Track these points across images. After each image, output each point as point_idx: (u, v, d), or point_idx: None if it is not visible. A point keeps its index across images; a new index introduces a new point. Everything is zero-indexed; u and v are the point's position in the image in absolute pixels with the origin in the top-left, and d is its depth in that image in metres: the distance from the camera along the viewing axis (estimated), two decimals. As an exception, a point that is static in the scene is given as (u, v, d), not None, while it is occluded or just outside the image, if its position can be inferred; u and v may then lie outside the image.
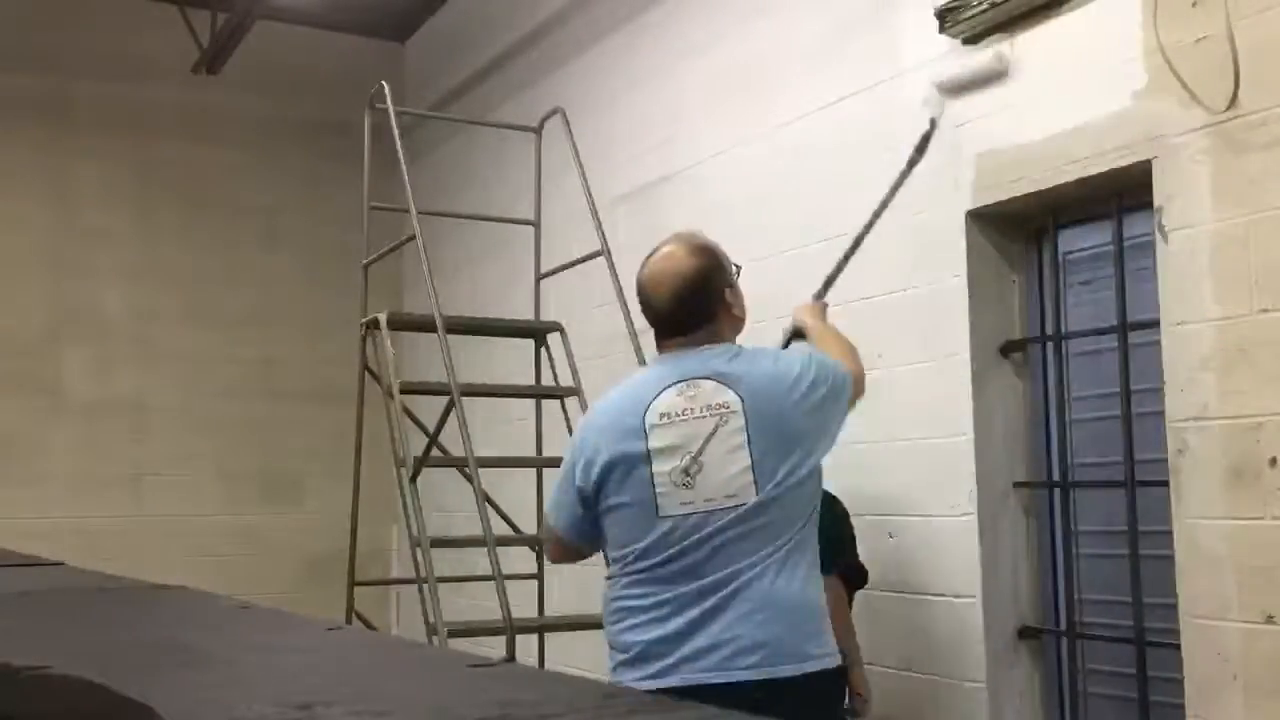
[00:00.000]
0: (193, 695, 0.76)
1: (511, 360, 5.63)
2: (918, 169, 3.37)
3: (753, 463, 2.50)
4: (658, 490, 2.51)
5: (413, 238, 4.40)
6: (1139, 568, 3.34)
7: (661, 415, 2.54)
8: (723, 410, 2.52)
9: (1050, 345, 3.71)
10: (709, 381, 2.54)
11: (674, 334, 2.66)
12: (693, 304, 2.64)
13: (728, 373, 2.56)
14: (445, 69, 7.30)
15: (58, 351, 6.89)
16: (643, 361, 4.36)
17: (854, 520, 3.75)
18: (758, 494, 2.49)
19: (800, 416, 2.56)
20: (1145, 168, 3.18)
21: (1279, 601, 2.85)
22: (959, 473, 3.68)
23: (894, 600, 3.89)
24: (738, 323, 2.71)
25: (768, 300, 4.51)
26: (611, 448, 2.58)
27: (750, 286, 4.69)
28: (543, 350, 4.93)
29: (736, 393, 2.53)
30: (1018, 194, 3.55)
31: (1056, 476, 3.67)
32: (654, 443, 2.53)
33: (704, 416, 2.52)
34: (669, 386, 2.56)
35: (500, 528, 4.58)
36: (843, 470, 4.06)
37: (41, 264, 6.91)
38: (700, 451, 2.50)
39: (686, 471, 2.51)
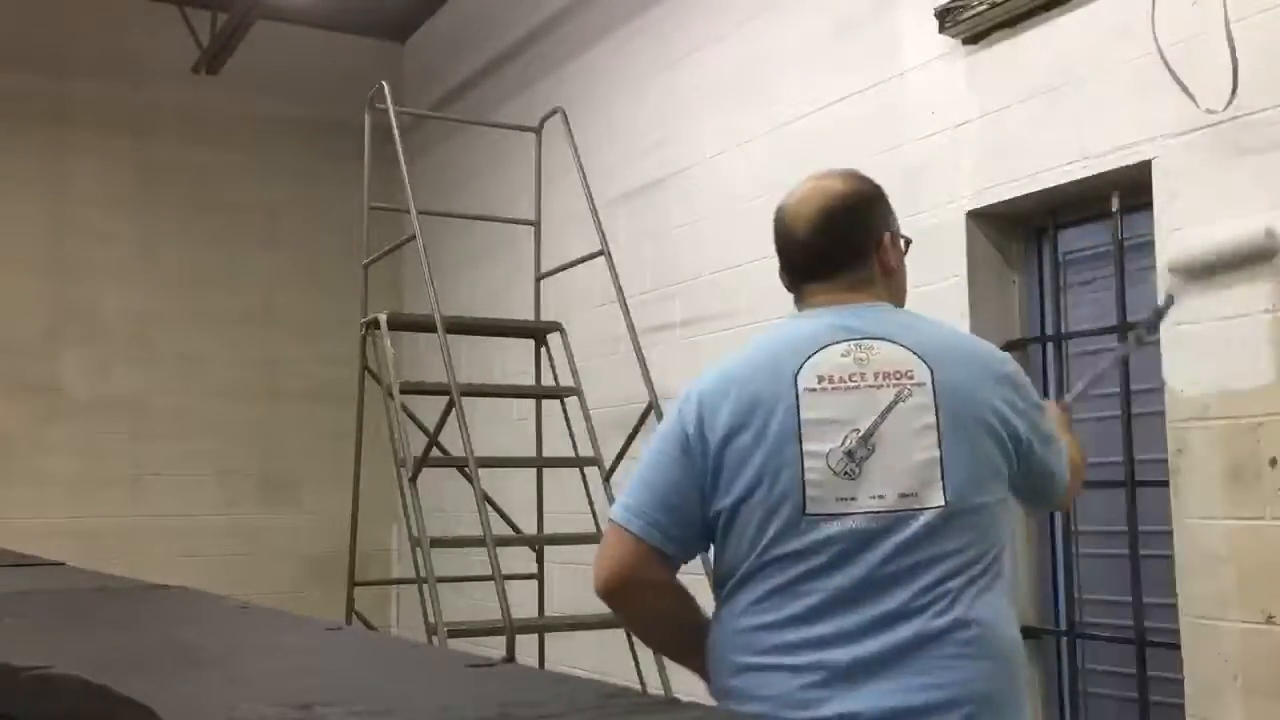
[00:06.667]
0: (193, 695, 0.76)
1: (511, 360, 5.63)
2: (919, 164, 3.36)
3: (942, 454, 1.84)
4: (808, 479, 1.83)
5: (413, 238, 4.40)
6: (1139, 568, 3.34)
7: (820, 379, 1.86)
8: (904, 381, 1.86)
9: (1050, 345, 3.71)
10: (884, 343, 1.89)
11: (816, 275, 2.00)
12: (840, 232, 2.00)
13: (909, 336, 1.92)
14: (445, 69, 7.30)
15: (57, 351, 6.89)
16: (643, 363, 4.37)
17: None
18: (945, 498, 1.83)
19: (1006, 419, 1.90)
20: (1145, 168, 3.18)
21: (1279, 602, 2.85)
22: (959, 473, 3.68)
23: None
24: (895, 282, 2.05)
25: (768, 299, 4.52)
26: (742, 413, 1.87)
27: (750, 286, 4.71)
28: (543, 350, 4.93)
29: (923, 361, 1.88)
30: (1018, 194, 3.55)
31: (1056, 476, 3.65)
32: (808, 412, 1.85)
33: (879, 385, 1.86)
34: (832, 345, 1.89)
35: (500, 528, 4.59)
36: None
37: (41, 264, 6.91)
38: (872, 430, 1.84)
39: (851, 455, 1.84)
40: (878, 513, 1.82)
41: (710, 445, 1.88)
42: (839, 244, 2.00)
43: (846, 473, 1.83)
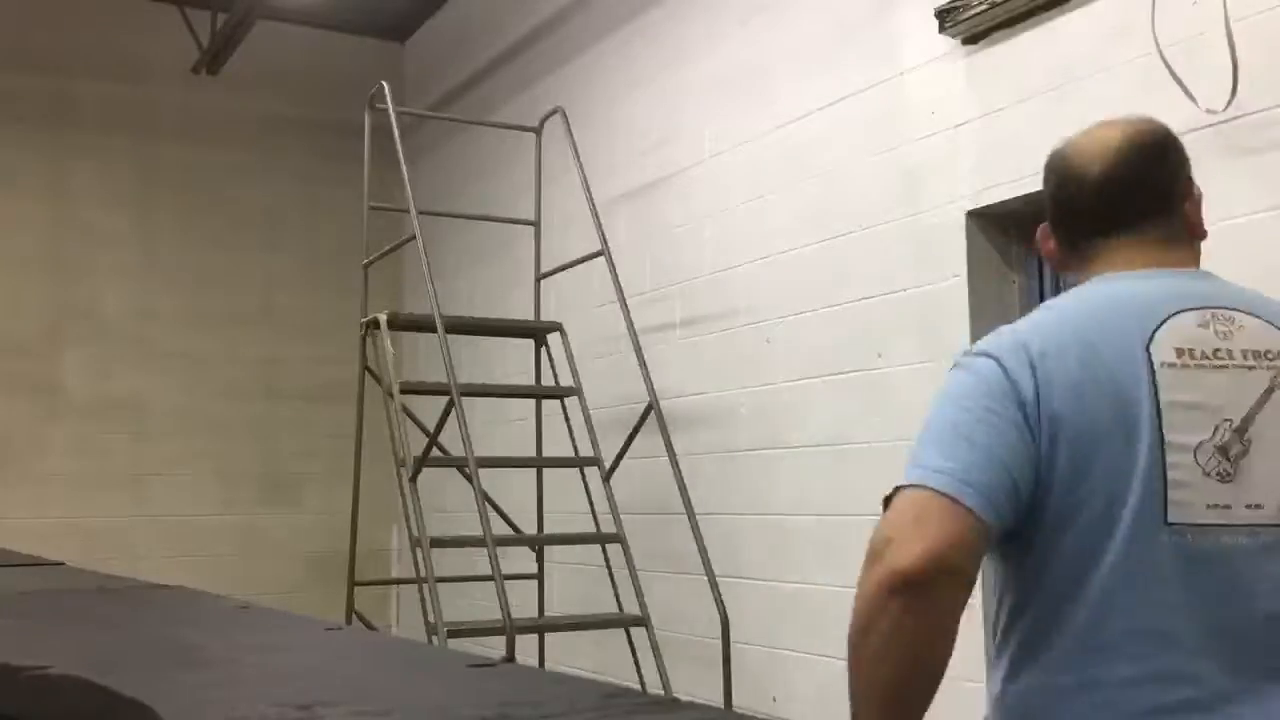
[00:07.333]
0: (193, 695, 0.76)
1: (511, 360, 5.63)
2: (919, 164, 3.36)
3: None
4: (1172, 477, 1.46)
5: (413, 238, 4.41)
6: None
7: (1180, 352, 1.50)
8: (1277, 363, 1.52)
9: (1050, 345, 3.70)
10: (1245, 316, 1.54)
11: (1116, 226, 1.64)
12: (1149, 170, 1.66)
13: (1270, 311, 1.57)
14: (445, 69, 7.30)
15: (57, 351, 6.89)
16: (643, 363, 4.36)
17: (855, 520, 3.74)
18: None
19: None
20: (1145, 168, 3.18)
21: None
22: (959, 473, 3.68)
23: (894, 600, 3.89)
24: (1197, 242, 1.69)
25: (768, 299, 4.52)
26: (1085, 384, 1.49)
27: (751, 286, 4.71)
28: (543, 350, 4.94)
29: None
30: (1018, 194, 3.55)
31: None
32: (1169, 393, 1.48)
33: (1250, 366, 1.51)
34: (1183, 312, 1.53)
35: (500, 528, 4.59)
36: (844, 470, 4.06)
37: (41, 264, 6.91)
38: (1247, 421, 1.49)
39: (1224, 451, 1.47)
40: (1256, 526, 1.46)
41: (1044, 418, 1.47)
42: (1147, 185, 1.65)
43: (1220, 474, 1.46)
